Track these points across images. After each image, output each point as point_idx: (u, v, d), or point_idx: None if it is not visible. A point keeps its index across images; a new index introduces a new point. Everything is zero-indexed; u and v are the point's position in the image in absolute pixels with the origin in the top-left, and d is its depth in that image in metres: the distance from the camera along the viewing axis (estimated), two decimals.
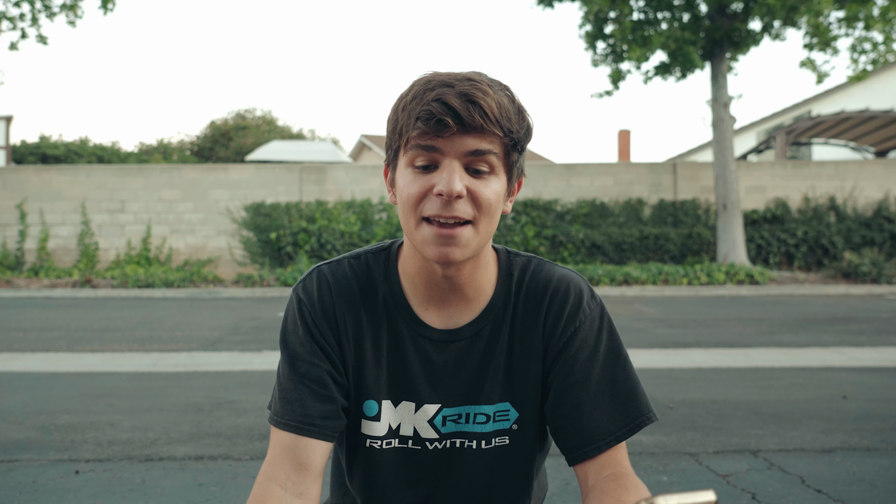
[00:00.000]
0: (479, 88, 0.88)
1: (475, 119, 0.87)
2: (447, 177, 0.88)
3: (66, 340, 6.38)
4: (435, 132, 0.87)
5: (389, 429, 1.03)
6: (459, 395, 1.03)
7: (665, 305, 9.64)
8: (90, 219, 14.48)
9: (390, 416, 1.03)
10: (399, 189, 0.94)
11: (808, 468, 2.73)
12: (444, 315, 1.03)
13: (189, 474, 2.70)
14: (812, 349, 5.77)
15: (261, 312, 8.81)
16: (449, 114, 0.86)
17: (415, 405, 1.03)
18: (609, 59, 13.92)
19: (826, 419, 3.49)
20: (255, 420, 3.55)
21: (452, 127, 0.87)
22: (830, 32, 12.65)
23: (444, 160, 0.90)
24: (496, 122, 0.88)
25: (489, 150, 0.90)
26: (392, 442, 1.04)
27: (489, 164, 0.91)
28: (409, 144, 0.90)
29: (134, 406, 3.85)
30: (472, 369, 1.03)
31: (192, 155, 29.55)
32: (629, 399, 1.02)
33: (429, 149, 0.89)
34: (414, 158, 0.91)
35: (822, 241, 14.06)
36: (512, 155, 0.93)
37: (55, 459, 2.88)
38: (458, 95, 0.87)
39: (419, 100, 0.89)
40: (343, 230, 14.00)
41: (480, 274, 1.02)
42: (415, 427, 1.03)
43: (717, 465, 2.78)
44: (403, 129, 0.91)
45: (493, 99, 0.88)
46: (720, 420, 3.50)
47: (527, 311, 1.04)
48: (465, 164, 0.90)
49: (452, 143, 0.88)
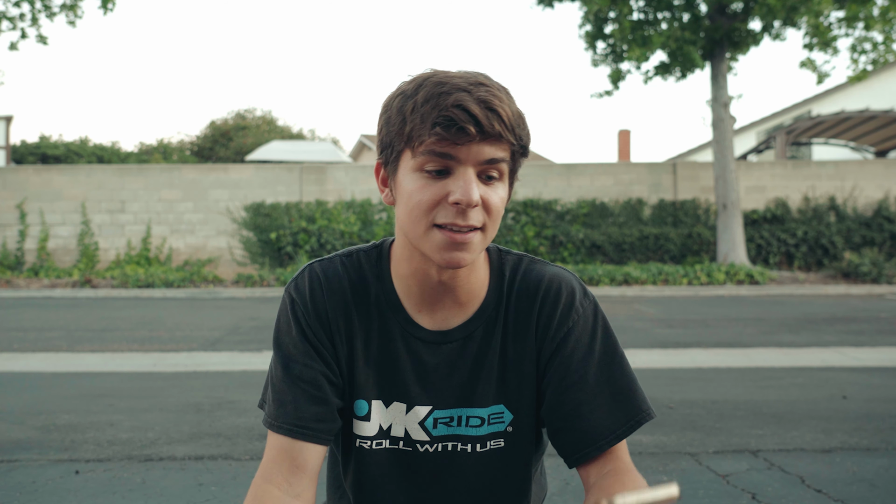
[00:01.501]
0: (495, 95, 0.87)
1: (494, 127, 0.86)
2: (465, 186, 0.87)
3: (66, 340, 6.37)
4: (454, 139, 0.86)
5: (380, 429, 1.03)
6: (451, 397, 1.02)
7: (665, 305, 9.64)
8: (90, 219, 14.48)
9: (381, 416, 1.02)
10: (405, 193, 0.91)
11: (808, 468, 2.73)
12: (436, 317, 1.03)
13: (189, 474, 2.70)
14: (812, 349, 5.76)
15: (261, 312, 8.81)
16: (470, 121, 0.85)
17: (406, 406, 1.02)
18: (609, 58, 13.92)
19: (826, 419, 3.49)
20: (255, 420, 3.55)
21: (474, 135, 0.85)
22: (830, 32, 12.65)
23: (458, 168, 0.88)
24: (511, 131, 0.88)
25: (502, 159, 0.90)
26: (383, 443, 1.03)
27: (499, 171, 0.91)
28: (421, 149, 0.88)
29: (134, 406, 3.85)
30: (464, 371, 1.02)
31: (192, 155, 29.55)
32: (627, 397, 1.01)
33: (444, 156, 0.87)
34: (425, 163, 0.89)
35: (822, 241, 14.06)
36: (518, 161, 0.94)
37: (55, 459, 2.88)
38: (478, 102, 0.85)
39: (434, 104, 0.86)
40: (343, 230, 14.00)
41: (474, 277, 1.01)
42: (406, 428, 1.02)
43: (717, 465, 2.78)
44: (414, 132, 0.88)
45: (508, 106, 0.88)
46: (720, 420, 3.50)
47: (519, 312, 1.03)
48: (478, 171, 0.89)
49: (469, 150, 0.87)
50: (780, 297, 10.88)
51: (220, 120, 31.06)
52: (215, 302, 10.58)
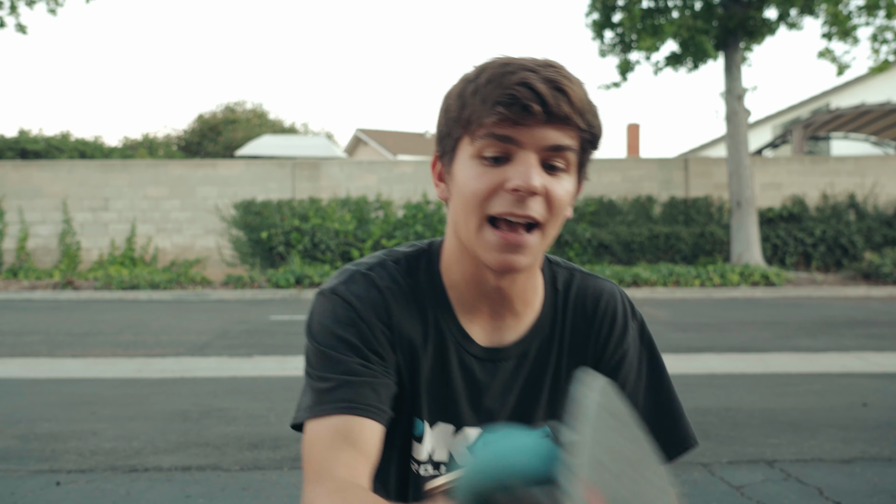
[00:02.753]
0: (565, 76, 0.84)
1: (562, 108, 0.82)
2: (525, 170, 0.83)
3: (46, 345, 6.38)
4: (516, 119, 0.82)
5: (429, 455, 0.97)
6: (503, 419, 0.97)
7: (676, 308, 9.65)
8: (72, 217, 14.48)
9: (432, 439, 0.97)
10: (460, 183, 0.87)
11: (826, 479, 2.73)
12: (489, 330, 0.98)
13: (176, 486, 2.70)
14: (831, 354, 5.77)
15: (251, 315, 8.81)
16: (536, 99, 0.81)
17: (454, 428, 0.97)
18: (617, 49, 13.92)
19: (845, 428, 3.49)
20: (245, 429, 3.55)
21: (538, 114, 0.81)
22: (850, 21, 12.65)
23: (519, 152, 0.84)
24: (580, 115, 0.84)
25: (569, 146, 0.85)
26: (428, 469, 0.97)
27: (566, 161, 0.86)
28: (480, 132, 0.84)
29: (118, 414, 3.85)
30: (517, 392, 0.98)
31: (178, 150, 29.58)
32: (675, 424, 1.01)
33: (504, 139, 0.83)
34: (483, 149, 0.85)
35: (842, 240, 14.06)
36: (588, 152, 0.89)
37: (35, 470, 2.88)
38: (544, 81, 0.82)
39: (497, 83, 0.83)
40: (338, 229, 14.00)
41: (531, 285, 0.97)
42: (450, 453, 0.97)
43: (731, 476, 2.78)
44: (474, 115, 0.84)
45: (578, 89, 0.84)
46: (734, 429, 3.50)
47: (575, 331, 1.01)
48: (541, 158, 0.85)
49: (532, 133, 0.83)
50: (797, 300, 10.89)
51: (208, 113, 31.08)
52: (203, 304, 10.58)
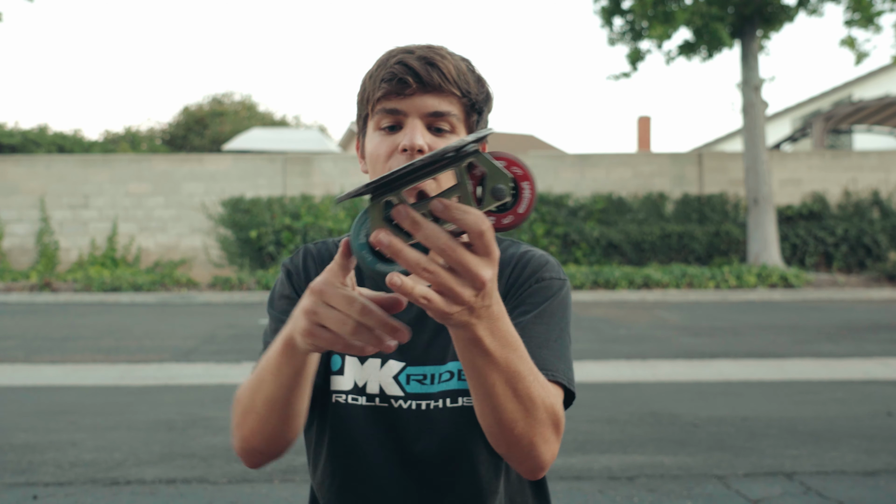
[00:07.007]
0: (438, 53, 1.06)
1: (433, 78, 1.04)
2: (410, 133, 1.05)
3: (22, 350, 6.38)
4: (396, 92, 1.05)
5: (355, 385, 1.14)
6: (422, 354, 1.13)
7: (689, 311, 9.65)
8: (50, 215, 14.49)
9: (355, 372, 1.14)
10: (368, 152, 1.10)
11: (849, 492, 2.73)
12: None
13: (160, 499, 2.70)
14: (853, 360, 5.77)
15: (239, 319, 8.81)
16: (409, 73, 1.03)
17: (380, 361, 1.14)
18: (627, 37, 13.94)
19: (869, 438, 3.49)
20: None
21: (412, 85, 1.04)
22: (873, 7, 12.66)
23: (406, 120, 1.06)
24: (454, 83, 1.05)
25: (448, 112, 1.06)
26: (359, 399, 1.14)
27: (450, 124, 1.07)
28: (376, 109, 1.08)
29: (98, 423, 3.85)
30: (433, 327, 1.13)
31: (163, 144, 29.58)
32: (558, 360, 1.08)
33: (392, 111, 1.06)
34: (380, 121, 1.08)
35: (865, 239, 14.07)
36: (472, 116, 1.10)
37: (10, 483, 2.88)
38: (418, 59, 1.05)
39: (382, 65, 1.07)
40: (331, 227, 14.01)
41: None
42: (380, 384, 1.13)
43: (748, 490, 2.78)
44: (370, 94, 1.08)
45: (451, 62, 1.06)
46: (751, 439, 3.50)
47: None
48: (426, 123, 1.06)
49: (413, 102, 1.05)
50: (818, 303, 10.89)
51: (194, 105, 31.09)
52: (189, 308, 10.58)
